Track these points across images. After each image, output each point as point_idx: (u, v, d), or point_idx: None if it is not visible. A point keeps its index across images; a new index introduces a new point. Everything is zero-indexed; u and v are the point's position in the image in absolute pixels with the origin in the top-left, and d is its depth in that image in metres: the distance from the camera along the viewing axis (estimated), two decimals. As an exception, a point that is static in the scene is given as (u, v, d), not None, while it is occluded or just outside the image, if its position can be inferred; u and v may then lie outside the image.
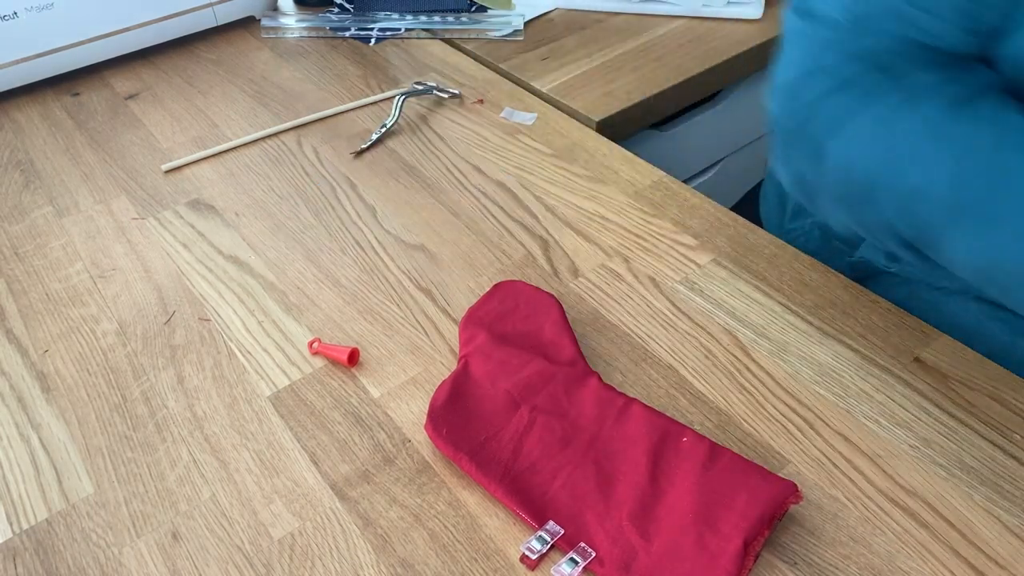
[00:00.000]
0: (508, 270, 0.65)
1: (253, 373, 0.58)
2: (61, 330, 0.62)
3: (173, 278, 0.66)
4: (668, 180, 0.74)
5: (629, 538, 0.46)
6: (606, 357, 0.58)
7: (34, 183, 0.78)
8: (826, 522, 0.48)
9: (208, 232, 0.71)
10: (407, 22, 1.00)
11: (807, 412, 0.54)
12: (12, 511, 0.51)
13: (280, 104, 0.87)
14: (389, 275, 0.66)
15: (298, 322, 0.62)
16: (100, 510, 0.51)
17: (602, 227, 0.69)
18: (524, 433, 0.51)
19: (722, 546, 0.45)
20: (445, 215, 0.71)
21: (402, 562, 0.47)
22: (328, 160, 0.78)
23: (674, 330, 0.60)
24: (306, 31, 1.00)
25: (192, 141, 0.82)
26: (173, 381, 0.58)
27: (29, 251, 0.70)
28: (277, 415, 0.56)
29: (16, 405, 0.57)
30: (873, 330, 0.59)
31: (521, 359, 0.55)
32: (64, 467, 0.53)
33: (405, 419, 0.55)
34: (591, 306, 0.62)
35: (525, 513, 0.48)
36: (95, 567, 0.48)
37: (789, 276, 0.64)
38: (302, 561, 0.47)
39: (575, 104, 0.84)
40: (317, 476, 0.52)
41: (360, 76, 0.91)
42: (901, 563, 0.46)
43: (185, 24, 0.96)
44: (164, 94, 0.90)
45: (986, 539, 0.47)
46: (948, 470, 0.50)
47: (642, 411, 0.52)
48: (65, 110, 0.88)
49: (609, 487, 0.48)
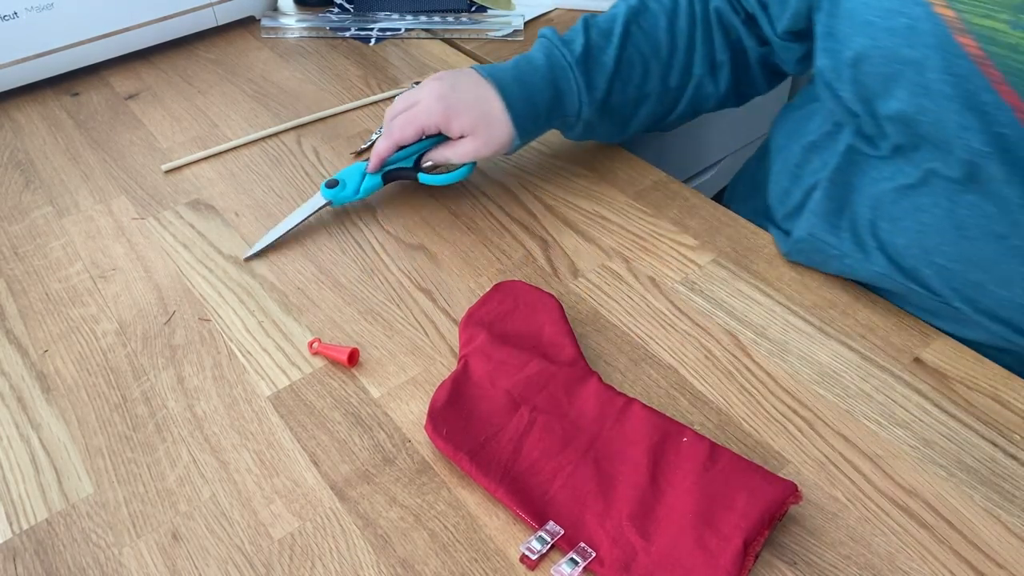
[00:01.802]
0: (508, 270, 0.65)
1: (253, 373, 0.58)
2: (61, 330, 0.62)
3: (173, 278, 0.66)
4: (668, 180, 0.74)
5: (629, 538, 0.46)
6: (606, 357, 0.58)
7: (34, 183, 0.78)
8: (826, 522, 0.48)
9: (208, 232, 0.71)
10: (407, 22, 1.00)
11: (807, 412, 0.54)
12: (12, 511, 0.51)
13: (280, 104, 0.87)
14: (389, 275, 0.66)
15: (298, 322, 0.62)
16: (100, 510, 0.51)
17: (602, 227, 0.69)
18: (524, 433, 0.51)
19: (722, 546, 0.45)
20: (445, 215, 0.71)
21: (402, 562, 0.47)
22: (328, 160, 0.78)
23: (674, 330, 0.60)
24: (306, 31, 1.00)
25: (192, 141, 0.82)
26: (173, 381, 0.58)
27: (29, 251, 0.70)
28: (277, 415, 0.56)
29: (16, 405, 0.57)
30: (873, 330, 0.59)
31: (521, 359, 0.55)
32: (64, 467, 0.53)
33: (405, 419, 0.55)
34: (591, 306, 0.62)
35: (525, 513, 0.48)
36: (95, 567, 0.48)
37: (789, 276, 0.64)
38: (302, 561, 0.47)
39: (575, 104, 0.84)
40: (317, 476, 0.52)
41: (360, 76, 0.91)
42: (901, 563, 0.46)
43: (185, 24, 0.96)
44: (164, 94, 0.90)
45: (986, 539, 0.47)
46: (948, 470, 0.50)
47: (642, 411, 0.52)
48: (65, 110, 0.88)
49: (609, 487, 0.48)
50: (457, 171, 0.71)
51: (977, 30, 0.49)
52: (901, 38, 0.51)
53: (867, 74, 0.54)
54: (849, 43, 0.55)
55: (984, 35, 0.48)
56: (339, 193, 0.70)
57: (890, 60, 0.52)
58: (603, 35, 0.68)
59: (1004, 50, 0.48)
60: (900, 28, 0.51)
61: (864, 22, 0.54)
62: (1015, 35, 0.47)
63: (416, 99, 0.68)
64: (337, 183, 0.70)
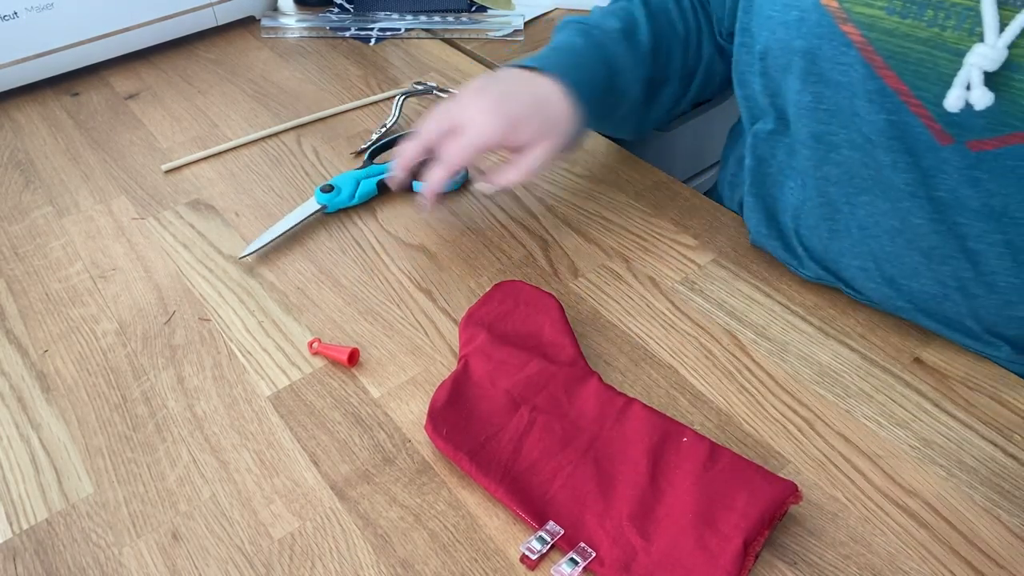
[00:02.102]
0: (508, 270, 0.65)
1: (253, 373, 0.58)
2: (61, 330, 0.62)
3: (173, 278, 0.66)
4: (668, 180, 0.74)
5: (629, 538, 0.46)
6: (606, 357, 0.58)
7: (34, 183, 0.78)
8: (826, 522, 0.48)
9: (208, 232, 0.71)
10: (407, 22, 1.00)
11: (807, 412, 0.54)
12: (12, 511, 0.51)
13: (280, 104, 0.87)
14: (389, 275, 0.66)
15: (298, 322, 0.62)
16: (100, 510, 0.51)
17: (602, 227, 0.69)
18: (524, 433, 0.51)
19: (722, 546, 0.45)
20: (445, 215, 0.71)
21: (402, 562, 0.47)
22: (328, 160, 0.78)
23: (674, 330, 0.60)
24: (306, 31, 1.00)
25: (192, 141, 0.82)
26: (173, 381, 0.58)
27: (29, 251, 0.70)
28: (277, 415, 0.56)
29: (16, 405, 0.57)
30: (873, 330, 0.59)
31: (521, 359, 0.55)
32: (64, 467, 0.53)
33: (405, 419, 0.55)
34: (591, 306, 0.62)
35: (525, 513, 0.48)
36: (95, 567, 0.48)
37: (789, 276, 0.64)
38: (302, 561, 0.47)
39: (575, 104, 0.84)
40: (317, 476, 0.52)
41: (360, 76, 0.91)
42: (901, 563, 0.46)
43: (185, 24, 0.96)
44: (164, 94, 0.90)
45: (986, 539, 0.47)
46: (948, 470, 0.50)
47: (642, 411, 0.52)
48: (65, 110, 0.88)
49: (609, 487, 0.48)
50: (453, 179, 0.71)
51: (858, 18, 0.51)
52: (793, 30, 0.54)
53: (771, 66, 0.57)
54: (758, 37, 0.57)
55: (864, 22, 0.51)
56: (334, 198, 0.70)
57: (787, 52, 0.55)
58: (628, 18, 0.67)
59: (883, 35, 0.50)
60: (792, 21, 0.54)
61: (766, 17, 0.56)
62: (891, 20, 0.49)
63: (461, 118, 0.61)
64: (332, 188, 0.70)
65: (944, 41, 0.48)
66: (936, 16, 0.48)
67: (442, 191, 0.65)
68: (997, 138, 0.48)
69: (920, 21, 0.49)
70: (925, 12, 0.48)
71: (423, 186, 0.64)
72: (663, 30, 0.68)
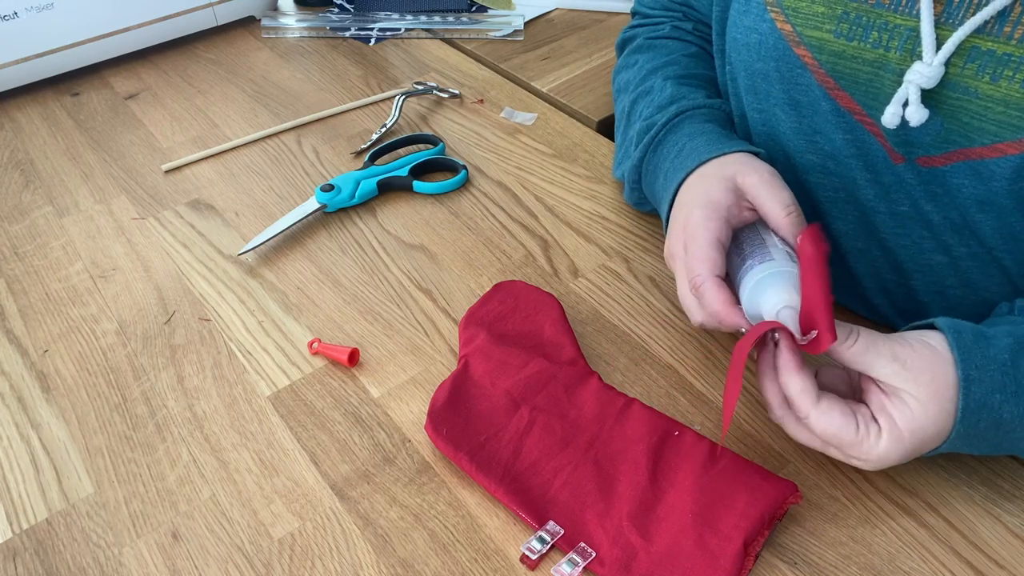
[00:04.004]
0: (508, 270, 0.65)
1: (253, 373, 0.58)
2: (61, 330, 0.62)
3: (173, 278, 0.66)
4: (668, 180, 0.74)
5: (629, 538, 0.46)
6: (606, 357, 0.58)
7: (34, 183, 0.78)
8: (826, 522, 0.48)
9: (208, 232, 0.71)
10: (407, 22, 1.00)
11: (807, 412, 0.54)
12: (12, 511, 0.51)
13: (280, 104, 0.87)
14: (389, 275, 0.66)
15: (298, 322, 0.62)
16: (100, 510, 0.51)
17: (602, 227, 0.69)
18: (524, 433, 0.51)
19: (722, 546, 0.45)
20: (445, 215, 0.71)
21: (402, 562, 0.47)
22: (328, 160, 0.78)
23: (674, 330, 0.60)
24: (306, 31, 1.00)
25: (192, 141, 0.82)
26: (173, 381, 0.58)
27: (29, 251, 0.70)
28: (277, 415, 0.56)
29: (16, 405, 0.57)
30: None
31: (521, 359, 0.55)
32: (64, 467, 0.53)
33: (405, 419, 0.55)
34: (591, 306, 0.62)
35: (525, 513, 0.48)
36: (95, 567, 0.48)
37: (789, 276, 0.63)
38: (302, 561, 0.47)
39: (575, 104, 0.84)
40: (317, 476, 0.52)
41: (360, 76, 0.91)
42: (901, 563, 0.46)
43: (185, 24, 0.96)
44: (164, 94, 0.90)
45: (986, 539, 0.47)
46: (948, 470, 0.50)
47: (642, 411, 0.52)
48: (65, 110, 0.88)
49: (609, 487, 0.48)
50: (452, 179, 0.72)
51: (809, 41, 0.52)
52: (754, 52, 0.56)
53: (739, 86, 0.59)
54: (730, 59, 0.59)
55: (814, 45, 0.52)
56: (334, 198, 0.70)
57: (750, 74, 0.57)
58: (705, 78, 0.66)
59: (832, 58, 0.52)
60: (753, 43, 0.56)
61: (733, 40, 0.58)
62: (839, 43, 0.51)
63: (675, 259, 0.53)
64: (332, 187, 0.70)
65: (889, 62, 0.49)
66: (880, 38, 0.49)
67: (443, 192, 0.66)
68: (943, 155, 0.50)
69: (866, 43, 0.50)
70: (870, 34, 0.50)
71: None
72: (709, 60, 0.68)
